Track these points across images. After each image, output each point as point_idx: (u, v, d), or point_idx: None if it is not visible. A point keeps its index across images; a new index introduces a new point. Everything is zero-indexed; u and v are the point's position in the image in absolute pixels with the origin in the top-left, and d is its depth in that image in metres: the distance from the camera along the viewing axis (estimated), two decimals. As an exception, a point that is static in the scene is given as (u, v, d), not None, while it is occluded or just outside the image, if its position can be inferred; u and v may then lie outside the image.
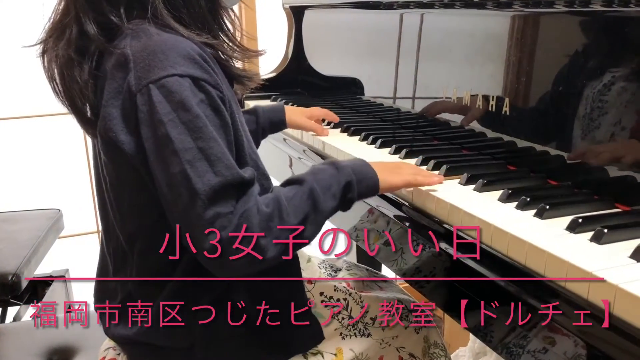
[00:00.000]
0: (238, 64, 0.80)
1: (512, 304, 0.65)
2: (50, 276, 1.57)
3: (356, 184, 0.73)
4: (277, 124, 1.10)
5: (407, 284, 0.88)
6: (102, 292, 0.83)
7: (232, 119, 0.70)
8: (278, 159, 1.36)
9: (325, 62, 1.56)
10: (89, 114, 0.73)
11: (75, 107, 0.73)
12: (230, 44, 0.76)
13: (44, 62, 0.75)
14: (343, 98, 1.42)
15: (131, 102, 0.66)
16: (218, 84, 0.68)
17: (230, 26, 0.77)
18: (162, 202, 0.67)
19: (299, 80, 1.64)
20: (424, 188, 0.81)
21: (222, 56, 0.74)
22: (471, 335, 1.49)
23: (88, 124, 0.74)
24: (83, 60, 0.71)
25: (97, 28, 0.70)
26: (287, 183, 0.72)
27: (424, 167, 0.90)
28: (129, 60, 0.67)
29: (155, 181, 0.67)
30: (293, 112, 1.13)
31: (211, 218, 0.63)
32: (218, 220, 0.63)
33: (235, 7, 0.81)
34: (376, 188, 0.77)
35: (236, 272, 0.69)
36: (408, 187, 0.81)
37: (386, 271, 1.41)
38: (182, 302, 0.74)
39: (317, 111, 1.19)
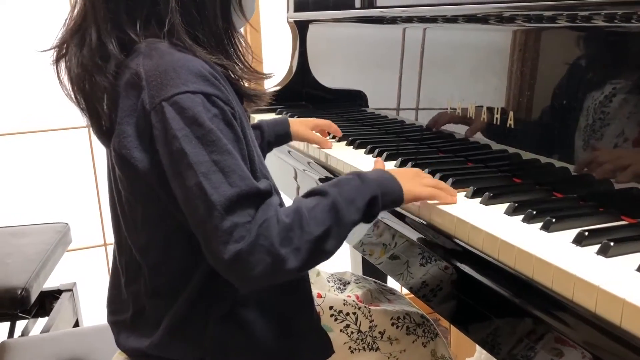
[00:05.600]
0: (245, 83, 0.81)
1: (520, 316, 0.65)
2: (59, 290, 1.58)
3: (381, 198, 0.73)
4: (282, 136, 1.11)
5: (414, 295, 0.88)
6: (115, 304, 0.84)
7: (244, 135, 0.71)
8: (283, 171, 1.37)
9: (330, 75, 1.57)
10: (106, 122, 0.73)
11: (95, 114, 0.73)
12: (241, 65, 0.78)
13: (57, 68, 0.75)
14: (347, 110, 1.43)
15: (145, 120, 0.68)
16: (229, 100, 0.70)
17: (242, 48, 0.78)
18: (187, 217, 0.68)
19: (303, 93, 1.65)
20: (430, 201, 0.81)
21: (232, 76, 0.75)
22: (477, 347, 1.49)
23: (104, 133, 0.74)
24: (106, 67, 0.71)
25: (115, 42, 0.71)
26: (309, 194, 0.72)
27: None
28: (142, 79, 0.68)
29: (177, 198, 0.68)
30: (297, 124, 1.13)
31: (229, 229, 0.63)
32: (236, 231, 0.64)
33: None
34: (401, 201, 0.77)
35: (257, 283, 0.69)
36: (432, 199, 0.80)
37: (392, 282, 1.41)
38: (194, 315, 0.75)
39: (321, 122, 1.19)
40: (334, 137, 1.24)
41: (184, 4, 0.71)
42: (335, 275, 1.04)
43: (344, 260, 1.69)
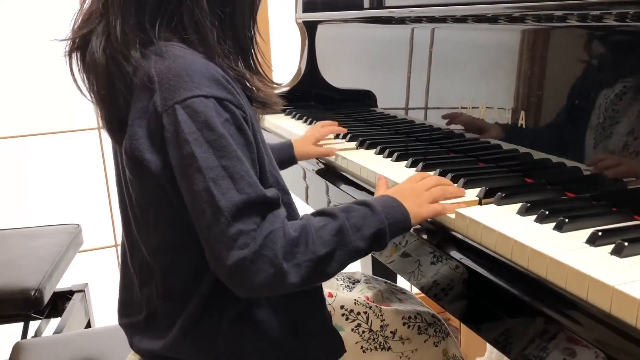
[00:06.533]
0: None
1: (532, 316, 0.65)
2: (71, 290, 1.59)
3: (388, 229, 0.73)
4: (286, 161, 1.12)
5: (425, 294, 0.88)
6: (127, 306, 0.84)
7: (254, 138, 0.72)
8: (292, 171, 1.37)
9: (339, 75, 1.57)
10: (121, 114, 0.72)
11: (114, 105, 0.72)
12: (257, 75, 0.78)
13: (70, 60, 0.74)
14: (357, 111, 1.43)
15: (157, 122, 0.68)
16: (241, 104, 0.70)
17: (260, 58, 0.79)
18: (193, 220, 0.68)
19: (312, 93, 1.65)
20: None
21: (248, 85, 0.75)
22: (488, 346, 1.49)
23: (118, 128, 0.74)
24: (129, 59, 0.70)
25: (137, 39, 0.70)
26: (318, 213, 0.73)
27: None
28: (154, 82, 0.68)
29: (185, 200, 0.68)
30: (300, 146, 1.13)
31: (234, 235, 0.64)
32: (241, 238, 0.64)
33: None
34: (409, 228, 0.77)
35: (255, 292, 0.70)
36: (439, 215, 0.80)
37: (402, 282, 1.41)
38: (207, 317, 0.76)
39: (324, 130, 1.19)
40: (343, 138, 1.24)
41: (213, 8, 0.71)
42: (345, 274, 1.05)
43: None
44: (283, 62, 1.86)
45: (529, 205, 0.76)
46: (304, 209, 0.85)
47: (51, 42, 0.77)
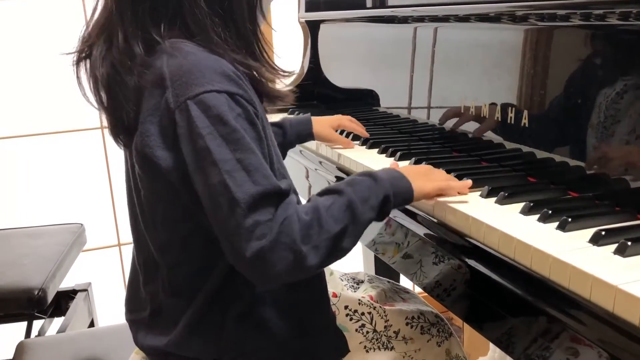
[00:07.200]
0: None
1: (535, 315, 0.65)
2: (74, 290, 1.59)
3: (393, 197, 0.75)
4: (304, 136, 1.12)
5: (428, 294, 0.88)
6: (133, 303, 0.85)
7: (265, 134, 0.72)
8: (295, 170, 1.37)
9: (341, 74, 1.57)
10: (130, 122, 0.73)
11: (119, 114, 0.73)
12: (267, 66, 0.78)
13: (77, 70, 0.76)
14: (359, 110, 1.43)
15: (169, 119, 0.68)
16: (252, 100, 0.71)
17: (267, 49, 0.79)
18: (208, 215, 0.68)
19: (315, 93, 1.65)
20: (443, 199, 0.81)
21: (257, 77, 0.76)
22: (491, 345, 1.49)
23: (124, 132, 0.74)
24: (133, 67, 0.71)
25: (141, 43, 0.71)
26: (324, 192, 0.73)
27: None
28: (166, 79, 0.69)
29: (199, 195, 0.68)
30: (320, 124, 1.13)
31: (251, 226, 0.64)
32: (258, 229, 0.65)
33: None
34: (411, 199, 0.78)
35: (277, 280, 0.70)
36: (440, 193, 0.81)
37: (405, 281, 1.42)
38: (211, 314, 0.76)
39: (346, 122, 1.19)
40: (347, 137, 1.24)
41: (212, 6, 0.72)
42: (349, 274, 1.05)
43: (356, 261, 1.69)
44: (285, 62, 1.86)
45: (532, 204, 0.76)
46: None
47: (53, 42, 0.78)
